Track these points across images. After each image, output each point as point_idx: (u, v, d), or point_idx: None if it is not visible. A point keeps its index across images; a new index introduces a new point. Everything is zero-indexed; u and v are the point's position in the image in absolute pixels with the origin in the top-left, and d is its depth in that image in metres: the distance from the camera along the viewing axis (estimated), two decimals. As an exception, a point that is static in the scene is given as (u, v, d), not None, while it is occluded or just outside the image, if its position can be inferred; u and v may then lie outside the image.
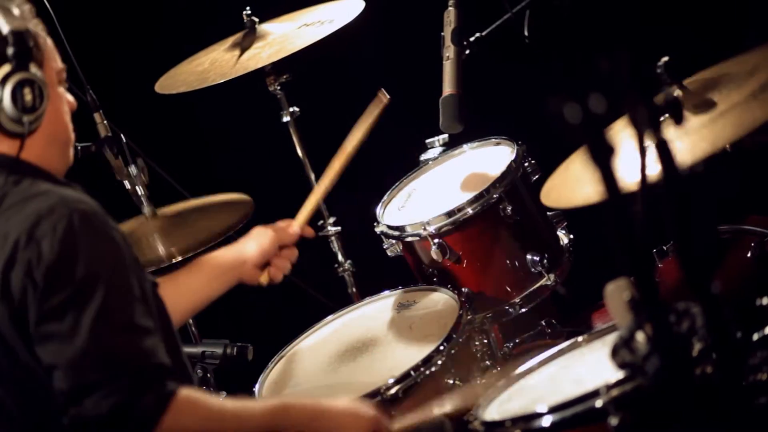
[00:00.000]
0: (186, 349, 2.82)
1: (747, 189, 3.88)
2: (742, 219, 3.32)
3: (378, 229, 3.68)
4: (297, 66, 4.16)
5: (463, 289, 3.47)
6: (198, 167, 5.04)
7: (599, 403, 2.32)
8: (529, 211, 3.57)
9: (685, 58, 3.02)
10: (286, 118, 4.26)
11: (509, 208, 3.50)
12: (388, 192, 3.85)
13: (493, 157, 3.74)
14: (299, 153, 4.29)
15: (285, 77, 4.23)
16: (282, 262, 3.22)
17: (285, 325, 3.71)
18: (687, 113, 2.93)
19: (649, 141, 1.92)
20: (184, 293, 3.08)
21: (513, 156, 3.59)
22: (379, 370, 3.21)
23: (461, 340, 3.24)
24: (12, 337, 2.42)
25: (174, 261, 3.80)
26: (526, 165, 3.61)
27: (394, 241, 3.65)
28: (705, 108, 2.93)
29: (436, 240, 3.50)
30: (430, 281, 3.59)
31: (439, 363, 3.15)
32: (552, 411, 2.43)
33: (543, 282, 3.55)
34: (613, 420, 2.28)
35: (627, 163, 1.91)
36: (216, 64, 4.10)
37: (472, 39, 3.65)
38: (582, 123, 1.81)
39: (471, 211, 3.50)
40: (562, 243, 3.66)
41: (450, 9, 3.67)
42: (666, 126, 1.99)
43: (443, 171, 3.88)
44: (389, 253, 3.68)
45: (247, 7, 4.19)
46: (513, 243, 3.55)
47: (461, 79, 3.58)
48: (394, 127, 4.82)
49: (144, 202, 4.00)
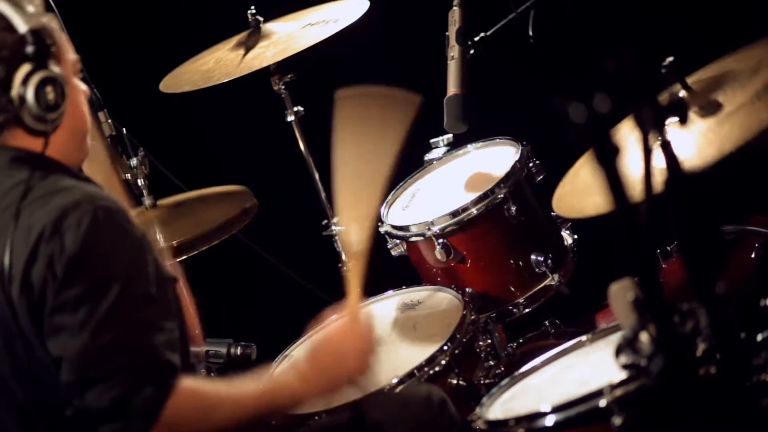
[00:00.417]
0: (190, 349, 2.82)
1: (751, 189, 3.87)
2: (746, 219, 3.32)
3: (382, 229, 3.68)
4: (301, 65, 4.16)
5: (467, 289, 3.47)
6: (202, 166, 5.04)
7: (603, 403, 2.32)
8: (534, 212, 3.57)
9: (689, 55, 3.02)
10: (290, 117, 4.26)
11: (513, 208, 3.50)
12: (392, 192, 3.85)
13: (498, 158, 3.74)
14: (303, 152, 4.28)
15: (289, 77, 4.22)
16: None
17: (289, 325, 3.71)
18: (692, 116, 2.93)
19: (654, 141, 1.92)
20: None
21: (517, 156, 3.59)
22: (383, 369, 3.20)
23: (465, 340, 3.24)
24: (30, 331, 2.43)
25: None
26: (530, 165, 3.61)
27: (398, 241, 3.65)
28: (710, 110, 2.92)
29: (440, 240, 3.50)
30: (434, 281, 3.59)
31: (443, 363, 3.15)
32: (555, 410, 2.42)
33: (547, 282, 3.55)
34: (617, 420, 2.28)
35: (632, 164, 1.91)
36: (220, 63, 4.10)
37: (476, 39, 3.65)
38: (587, 123, 1.81)
39: (475, 211, 3.50)
40: (566, 243, 3.66)
41: (455, 9, 3.67)
42: (671, 127, 1.99)
43: (447, 171, 3.88)
44: (393, 253, 3.68)
45: (252, 7, 4.19)
46: (517, 243, 3.55)
47: (466, 79, 3.58)
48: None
49: (144, 193, 4.01)
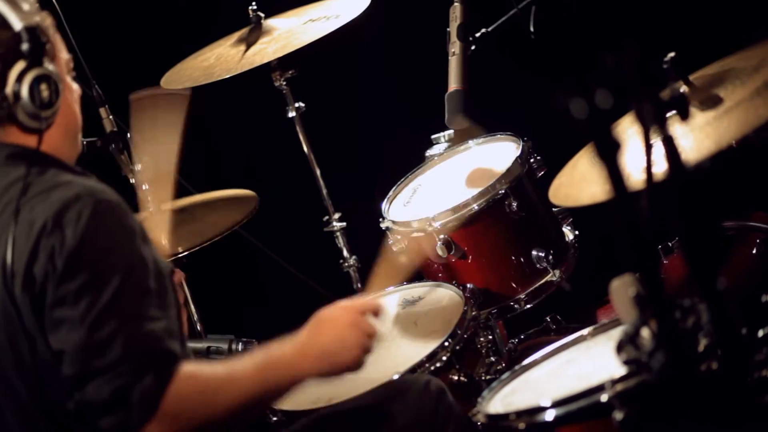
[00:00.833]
0: (191, 345, 2.82)
1: (752, 185, 3.87)
2: (747, 215, 3.32)
3: (383, 225, 3.68)
4: (303, 61, 4.16)
5: (468, 285, 3.47)
6: (203, 163, 5.05)
7: (604, 398, 2.32)
8: (535, 207, 3.57)
9: (691, 53, 3.02)
10: (291, 113, 4.26)
11: (515, 204, 3.50)
12: (393, 187, 3.85)
13: (499, 153, 3.74)
14: (305, 148, 4.29)
15: (291, 73, 4.23)
16: None
17: (290, 320, 3.70)
18: (693, 110, 2.93)
19: (655, 137, 1.92)
20: None
21: (518, 152, 3.59)
22: (384, 365, 3.21)
23: (466, 336, 3.24)
24: (33, 327, 2.43)
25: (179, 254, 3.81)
26: (531, 161, 3.61)
27: (399, 237, 3.65)
28: (711, 104, 2.93)
29: (441, 236, 3.50)
30: (435, 277, 3.59)
31: (444, 359, 3.16)
32: (556, 405, 2.43)
33: (548, 278, 3.55)
34: (618, 415, 2.28)
35: (633, 160, 1.91)
36: (221, 59, 4.10)
37: (477, 35, 3.65)
38: (588, 119, 1.81)
39: (476, 207, 3.50)
40: (567, 239, 3.66)
41: (456, 5, 3.67)
42: (672, 122, 1.99)
43: (449, 167, 3.88)
44: (394, 249, 3.68)
45: (253, 3, 4.19)
46: (518, 239, 3.56)
47: (467, 75, 3.58)
48: (399, 123, 4.84)
49: (149, 197, 4.01)
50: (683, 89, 2.99)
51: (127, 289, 2.41)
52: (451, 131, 3.89)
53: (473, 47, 3.64)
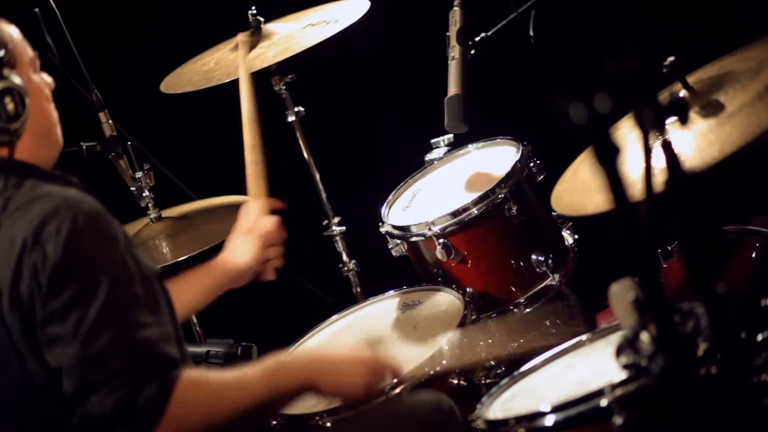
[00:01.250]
0: (190, 349, 2.82)
1: (752, 189, 3.87)
2: (747, 219, 3.31)
3: (383, 229, 3.68)
4: (302, 66, 4.16)
5: (468, 289, 3.47)
6: (202, 166, 5.05)
7: (604, 403, 2.32)
8: (534, 212, 3.57)
9: (690, 54, 3.02)
10: (291, 117, 4.26)
11: (514, 208, 3.50)
12: (393, 192, 3.85)
13: (498, 157, 3.74)
14: (304, 153, 4.29)
15: (290, 77, 4.23)
16: (274, 259, 3.35)
17: (289, 325, 3.71)
18: (693, 115, 2.93)
19: (655, 141, 1.92)
20: (189, 295, 3.15)
21: (518, 156, 3.59)
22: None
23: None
24: (22, 345, 2.43)
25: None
26: (531, 165, 3.61)
27: (398, 241, 3.65)
28: (711, 110, 2.92)
29: (440, 240, 3.50)
30: (434, 281, 3.59)
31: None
32: (556, 410, 2.42)
33: (548, 282, 3.55)
34: (618, 419, 2.28)
35: (632, 164, 1.91)
36: (221, 63, 4.10)
37: (477, 39, 3.65)
38: (587, 123, 1.81)
39: (476, 211, 3.50)
40: (566, 243, 3.66)
41: (455, 9, 3.67)
42: (672, 126, 1.99)
43: (448, 171, 3.88)
44: (394, 253, 3.68)
45: (253, 7, 4.19)
46: (518, 243, 3.55)
47: (466, 79, 3.58)
48: (398, 127, 4.84)
49: (149, 205, 4.01)
50: (683, 93, 2.99)
51: (116, 299, 2.40)
52: (451, 135, 3.89)
53: (473, 51, 3.64)
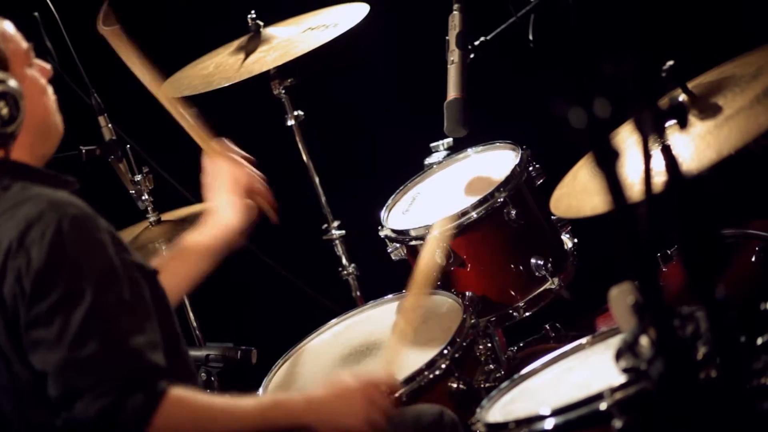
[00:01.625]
0: (190, 353, 2.82)
1: (751, 193, 3.88)
2: (746, 223, 3.32)
3: (382, 233, 3.68)
4: (301, 70, 4.16)
5: (467, 293, 3.47)
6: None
7: (603, 406, 2.32)
8: (534, 215, 3.57)
9: (689, 58, 3.02)
10: (290, 121, 4.27)
11: (513, 212, 3.50)
12: (392, 196, 3.85)
13: (498, 162, 3.74)
14: (304, 157, 4.29)
15: (289, 81, 4.23)
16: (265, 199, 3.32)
17: (289, 329, 3.71)
18: (692, 119, 2.93)
19: (654, 145, 1.92)
20: (177, 280, 3.07)
21: (517, 160, 3.59)
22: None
23: (465, 343, 3.24)
24: (6, 346, 2.42)
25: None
26: (530, 169, 3.61)
27: (398, 245, 3.65)
28: (710, 113, 2.93)
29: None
30: (434, 285, 3.59)
31: (443, 367, 3.15)
32: (556, 413, 2.42)
33: (547, 286, 3.55)
34: (617, 423, 2.28)
35: (632, 168, 1.91)
36: (220, 67, 4.10)
37: (476, 43, 3.65)
38: (587, 127, 1.81)
39: (475, 215, 3.50)
40: (566, 247, 3.66)
41: (455, 13, 3.67)
42: (671, 131, 2.00)
43: (448, 175, 3.88)
44: (393, 257, 3.68)
45: (252, 11, 4.19)
46: (517, 247, 3.55)
47: (466, 83, 3.58)
48: (398, 131, 4.84)
49: (148, 209, 4.01)
50: (682, 98, 2.99)
51: (102, 304, 2.39)
52: (450, 139, 3.89)
53: (472, 55, 3.64)
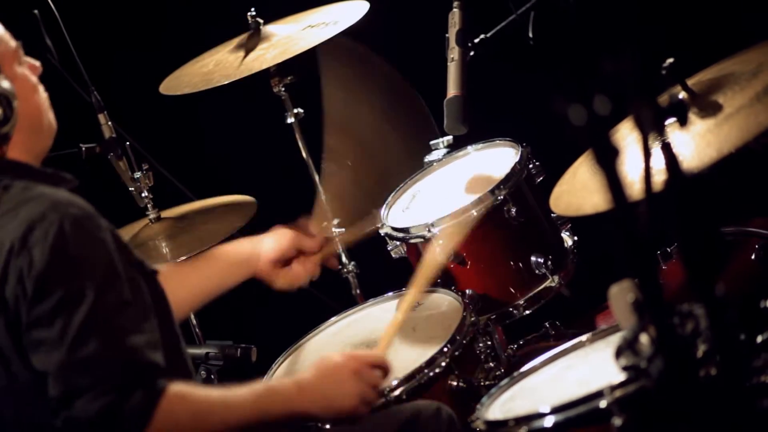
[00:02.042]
0: (189, 351, 2.82)
1: (751, 190, 3.87)
2: (746, 221, 3.32)
3: (382, 231, 3.68)
4: (301, 67, 4.16)
5: (467, 291, 3.47)
6: (202, 168, 5.05)
7: (603, 404, 2.32)
8: (534, 213, 3.57)
9: (689, 55, 3.02)
10: (290, 119, 4.26)
11: (514, 209, 3.49)
12: (392, 193, 3.85)
13: (498, 159, 3.73)
14: (303, 154, 4.29)
15: (289, 79, 4.23)
16: (299, 268, 3.22)
17: (289, 327, 3.71)
18: (692, 116, 2.93)
19: (654, 143, 1.92)
20: (193, 282, 3.08)
21: (517, 158, 3.59)
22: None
23: (465, 341, 3.24)
24: (7, 346, 2.42)
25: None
26: (530, 167, 3.61)
27: (398, 243, 3.65)
28: (710, 111, 2.93)
29: (440, 242, 3.49)
30: (434, 283, 3.59)
31: (443, 364, 3.15)
32: (555, 411, 2.43)
33: (547, 284, 3.55)
34: (617, 421, 2.28)
35: (631, 165, 1.91)
36: (220, 65, 4.10)
37: (476, 40, 3.65)
38: (587, 125, 1.81)
39: (475, 213, 3.50)
40: (566, 245, 3.66)
41: (455, 10, 3.67)
42: (671, 128, 1.99)
43: (447, 173, 3.88)
44: (393, 255, 3.68)
45: (252, 9, 4.19)
46: (517, 245, 3.55)
47: (465, 81, 3.58)
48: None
49: (148, 206, 4.01)
50: (682, 95, 2.99)
51: (103, 304, 2.39)
52: (450, 137, 3.89)
53: (472, 53, 3.64)
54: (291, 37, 4.09)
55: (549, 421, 2.43)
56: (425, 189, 3.85)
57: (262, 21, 4.19)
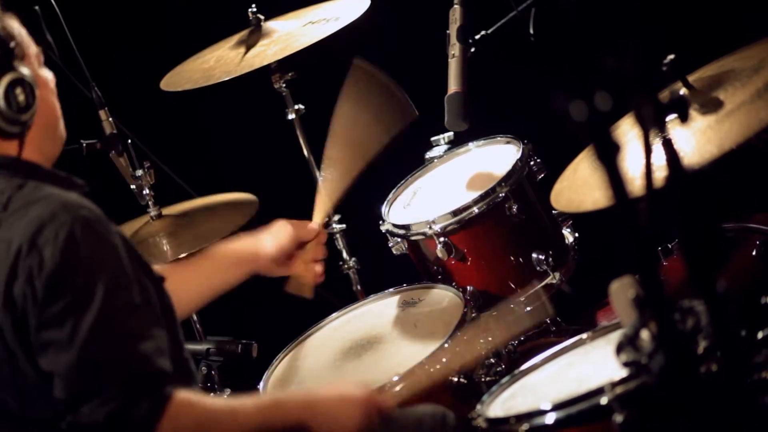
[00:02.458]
0: (190, 347, 2.82)
1: (752, 187, 3.87)
2: (747, 217, 3.32)
3: (383, 228, 3.68)
4: (302, 64, 4.16)
5: (468, 287, 3.47)
6: (203, 165, 5.05)
7: (604, 401, 2.32)
8: (535, 210, 3.57)
9: (690, 51, 3.02)
10: (291, 115, 4.26)
11: (515, 206, 3.49)
12: (393, 190, 3.85)
13: (499, 156, 3.73)
14: (304, 151, 4.29)
15: (290, 75, 4.23)
16: (306, 259, 3.24)
17: (289, 323, 3.71)
18: (693, 113, 2.93)
19: (655, 139, 1.92)
20: (194, 281, 3.08)
21: (519, 155, 3.59)
22: (384, 367, 3.21)
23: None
24: (14, 345, 2.42)
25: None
26: (531, 164, 3.61)
27: (399, 240, 3.65)
28: (711, 107, 2.93)
29: (441, 238, 3.49)
30: (435, 279, 3.59)
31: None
32: (556, 408, 2.43)
33: (548, 280, 3.55)
34: (618, 417, 2.28)
35: (632, 162, 1.91)
36: (221, 61, 4.10)
37: (477, 37, 3.65)
38: (588, 121, 1.81)
39: (476, 210, 3.50)
40: (567, 241, 3.66)
41: (455, 7, 3.66)
42: (672, 124, 1.99)
43: (449, 169, 3.88)
44: (394, 252, 3.68)
45: (253, 5, 4.19)
46: (518, 241, 3.55)
47: (466, 77, 3.58)
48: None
49: (150, 203, 4.01)
50: (683, 91, 2.99)
51: (112, 308, 2.39)
52: (451, 133, 3.89)
53: (473, 49, 3.64)
54: (292, 34, 4.09)
55: (550, 418, 2.43)
56: (426, 186, 3.85)
57: (263, 17, 4.19)
